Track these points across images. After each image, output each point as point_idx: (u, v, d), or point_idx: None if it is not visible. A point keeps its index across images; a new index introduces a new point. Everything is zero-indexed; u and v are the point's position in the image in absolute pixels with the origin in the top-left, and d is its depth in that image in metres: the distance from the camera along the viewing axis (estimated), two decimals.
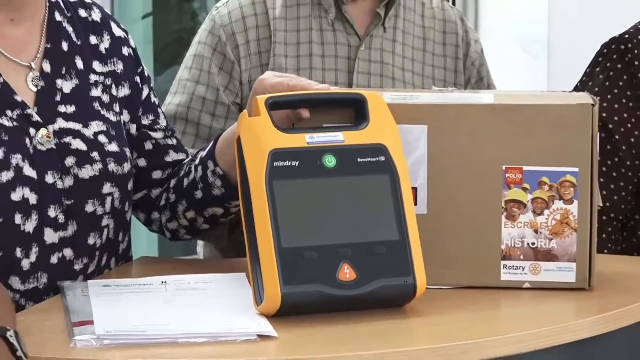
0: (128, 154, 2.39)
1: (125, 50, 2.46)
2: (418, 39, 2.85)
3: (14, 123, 2.24)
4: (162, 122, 2.51)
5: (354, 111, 2.13)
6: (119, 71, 2.43)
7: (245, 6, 2.81)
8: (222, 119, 2.78)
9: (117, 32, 2.47)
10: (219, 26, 2.82)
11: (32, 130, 2.25)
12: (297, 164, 2.05)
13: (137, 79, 2.47)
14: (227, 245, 2.69)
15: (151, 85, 2.53)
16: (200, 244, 2.91)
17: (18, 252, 2.22)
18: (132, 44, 2.51)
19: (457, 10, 2.97)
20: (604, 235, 2.41)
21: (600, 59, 2.69)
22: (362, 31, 2.80)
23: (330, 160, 2.06)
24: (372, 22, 2.80)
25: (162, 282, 2.17)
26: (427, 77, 2.81)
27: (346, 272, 2.00)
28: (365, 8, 2.81)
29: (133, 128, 2.43)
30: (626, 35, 2.69)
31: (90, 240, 2.31)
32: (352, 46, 2.77)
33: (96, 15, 2.45)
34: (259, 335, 1.94)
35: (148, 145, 2.46)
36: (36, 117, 2.27)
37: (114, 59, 2.43)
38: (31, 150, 2.24)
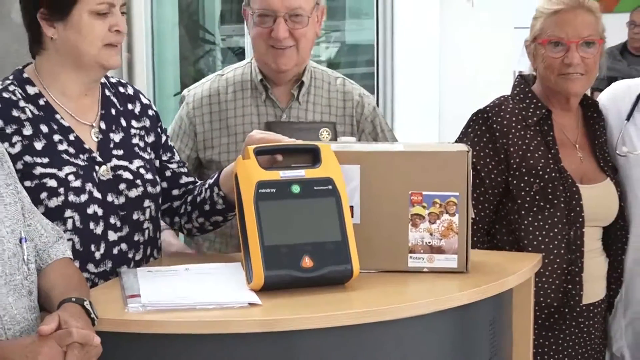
0: (158, 179, 2.38)
1: (150, 112, 2.44)
2: (325, 106, 2.78)
3: (86, 163, 2.24)
4: (176, 157, 2.49)
5: (311, 156, 2.14)
6: (147, 126, 2.42)
7: (205, 90, 2.76)
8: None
9: (144, 100, 2.46)
10: (190, 103, 2.78)
11: (97, 167, 2.25)
12: (274, 190, 2.06)
13: (159, 130, 2.45)
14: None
15: (167, 134, 2.51)
16: (191, 244, 2.90)
17: (92, 247, 2.22)
18: (154, 107, 2.49)
19: (358, 87, 2.90)
20: (475, 238, 2.41)
21: (471, 123, 2.68)
22: (284, 105, 2.74)
23: (296, 188, 2.07)
24: (290, 99, 2.75)
25: (186, 269, 2.16)
26: (333, 135, 2.71)
27: (307, 261, 2.01)
28: (285, 91, 2.75)
29: (157, 162, 2.42)
30: (487, 108, 2.69)
31: (136, 238, 2.30)
32: (277, 115, 2.72)
33: (130, 90, 2.44)
34: (249, 303, 1.95)
35: (168, 173, 2.44)
36: (99, 159, 2.26)
37: (144, 118, 2.41)
38: (97, 180, 2.24)
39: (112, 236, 2.25)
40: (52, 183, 2.18)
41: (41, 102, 2.25)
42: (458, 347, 2.13)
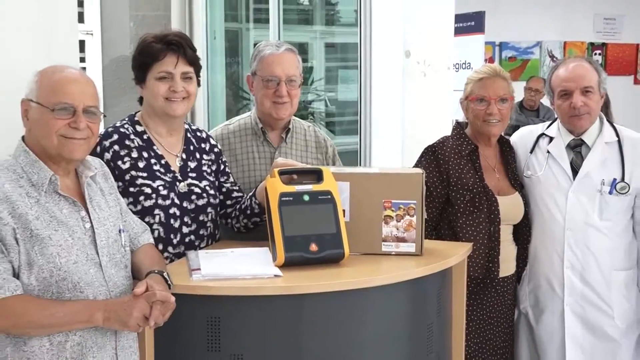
0: (217, 194, 2.37)
1: (216, 150, 2.43)
2: (303, 146, 2.70)
3: (170, 179, 2.24)
4: (230, 179, 2.45)
5: (316, 175, 2.14)
6: (213, 159, 2.40)
7: (217, 135, 2.61)
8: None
9: (212, 142, 2.44)
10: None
11: (178, 183, 2.25)
12: (291, 198, 2.06)
13: (220, 162, 2.43)
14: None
15: (227, 164, 2.47)
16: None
17: (171, 236, 2.22)
18: (219, 146, 2.47)
19: (322, 133, 2.81)
20: (427, 232, 2.39)
21: (423, 154, 2.67)
22: (276, 144, 2.64)
23: (306, 197, 2.07)
24: (280, 140, 2.65)
25: (231, 251, 2.15)
26: (309, 164, 2.56)
27: (314, 247, 2.01)
28: (276, 135, 2.64)
29: (217, 183, 2.40)
30: (434, 144, 2.69)
31: (201, 232, 2.29)
32: (272, 152, 2.62)
33: (204, 135, 2.43)
34: (274, 275, 1.96)
35: (223, 189, 2.41)
36: (179, 177, 2.26)
37: (211, 154, 2.40)
38: (177, 192, 2.24)
39: (185, 230, 2.25)
40: (148, 190, 2.19)
41: (144, 136, 2.26)
42: (415, 307, 2.14)
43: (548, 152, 2.68)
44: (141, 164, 2.22)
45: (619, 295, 2.62)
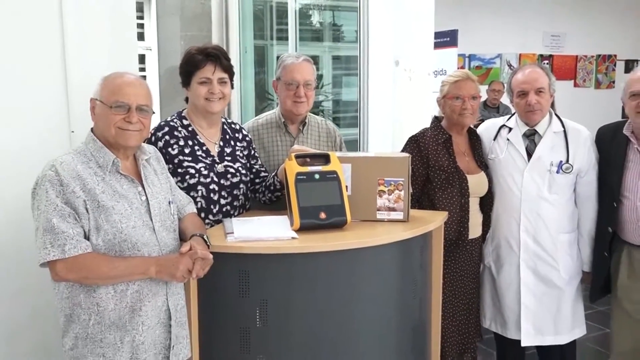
0: (248, 174, 2.31)
1: (247, 138, 2.37)
2: (317, 136, 2.62)
3: (210, 162, 2.19)
4: (259, 162, 2.40)
5: (325, 159, 2.09)
6: (245, 145, 2.34)
7: (249, 128, 2.53)
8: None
9: (244, 132, 2.39)
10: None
11: (216, 165, 2.20)
12: (305, 177, 2.02)
13: (250, 148, 2.37)
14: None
15: (256, 150, 2.42)
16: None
17: (211, 207, 2.17)
18: (250, 136, 2.40)
19: (332, 125, 2.71)
20: (411, 203, 2.35)
21: (408, 142, 2.61)
22: (295, 135, 2.56)
23: (317, 176, 2.03)
24: (298, 132, 2.57)
25: (258, 218, 2.11)
26: (322, 150, 2.45)
27: (323, 215, 1.98)
28: (295, 127, 2.57)
29: (248, 164, 2.34)
30: (417, 134, 2.62)
31: (235, 203, 2.24)
32: (292, 141, 2.54)
33: (237, 127, 2.37)
34: (292, 237, 1.91)
35: (253, 170, 2.36)
36: (217, 160, 2.21)
37: (243, 142, 2.34)
38: (216, 172, 2.19)
39: (222, 202, 2.20)
40: (192, 171, 2.14)
41: (189, 128, 2.21)
42: (403, 262, 2.10)
43: (508, 139, 2.61)
44: (187, 150, 2.17)
45: (563, 253, 2.58)
